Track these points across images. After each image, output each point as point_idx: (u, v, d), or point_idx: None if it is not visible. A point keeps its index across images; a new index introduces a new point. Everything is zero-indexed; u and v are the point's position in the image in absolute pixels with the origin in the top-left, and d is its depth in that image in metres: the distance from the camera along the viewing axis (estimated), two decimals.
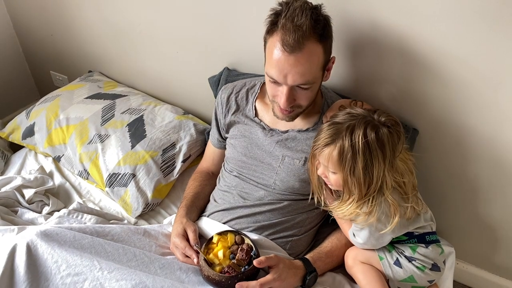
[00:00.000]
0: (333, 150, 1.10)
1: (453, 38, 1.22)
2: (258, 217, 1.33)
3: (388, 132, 1.09)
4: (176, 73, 1.91)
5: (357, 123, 1.09)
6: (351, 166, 1.09)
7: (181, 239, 1.29)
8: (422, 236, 1.21)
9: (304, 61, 1.14)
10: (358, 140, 1.07)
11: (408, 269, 1.21)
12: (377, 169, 1.09)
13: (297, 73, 1.15)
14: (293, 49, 1.12)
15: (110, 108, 1.84)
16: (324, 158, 1.13)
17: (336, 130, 1.11)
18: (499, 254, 1.61)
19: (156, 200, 1.62)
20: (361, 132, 1.08)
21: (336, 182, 1.15)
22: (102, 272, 1.12)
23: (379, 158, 1.08)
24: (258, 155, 1.38)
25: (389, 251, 1.23)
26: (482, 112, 1.31)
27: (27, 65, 2.51)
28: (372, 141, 1.07)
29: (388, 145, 1.09)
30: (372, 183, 1.10)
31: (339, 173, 1.12)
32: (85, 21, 2.05)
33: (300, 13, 1.13)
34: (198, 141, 1.77)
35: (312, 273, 1.22)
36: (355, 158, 1.08)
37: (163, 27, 1.80)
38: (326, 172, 1.17)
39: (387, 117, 1.11)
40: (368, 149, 1.07)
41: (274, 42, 1.16)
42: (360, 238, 1.21)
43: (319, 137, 1.15)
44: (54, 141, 1.78)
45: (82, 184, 1.73)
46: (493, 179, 1.43)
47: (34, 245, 1.13)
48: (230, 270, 1.15)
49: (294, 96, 1.21)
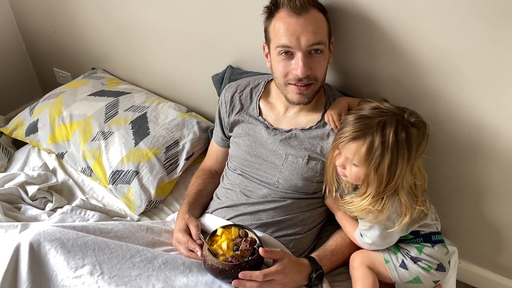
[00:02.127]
0: (362, 145, 1.09)
1: (455, 35, 1.22)
2: (261, 215, 1.33)
3: (417, 133, 1.09)
4: (179, 70, 1.91)
5: (388, 120, 1.09)
6: (378, 162, 1.08)
7: (184, 234, 1.29)
8: (428, 236, 1.21)
9: (313, 20, 1.21)
10: (389, 138, 1.06)
11: (414, 270, 1.21)
12: (400, 169, 1.08)
13: (309, 32, 1.20)
14: (301, 11, 1.19)
15: (113, 105, 1.84)
16: (350, 151, 1.12)
17: (365, 124, 1.10)
18: (502, 253, 1.60)
19: (159, 198, 1.62)
20: (393, 130, 1.07)
21: (355, 176, 1.14)
22: (103, 276, 1.13)
23: (405, 158, 1.08)
24: (262, 153, 1.38)
25: (394, 253, 1.23)
26: (485, 111, 1.31)
27: (30, 62, 2.51)
28: (402, 140, 1.07)
29: (414, 146, 1.09)
30: (392, 181, 1.10)
31: (362, 167, 1.11)
32: (88, 18, 2.05)
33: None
34: (201, 139, 1.77)
35: (318, 271, 1.22)
36: (383, 155, 1.07)
37: (167, 25, 1.80)
38: (347, 164, 1.15)
39: (416, 118, 1.11)
40: (397, 148, 1.07)
41: (279, 17, 1.23)
42: (368, 238, 1.21)
43: (345, 129, 1.13)
44: (57, 138, 1.79)
45: (85, 181, 1.73)
46: (499, 179, 1.43)
47: (37, 245, 1.14)
48: (233, 259, 1.15)
49: (310, 64, 1.23)
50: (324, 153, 1.31)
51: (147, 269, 1.18)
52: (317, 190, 1.35)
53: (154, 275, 1.17)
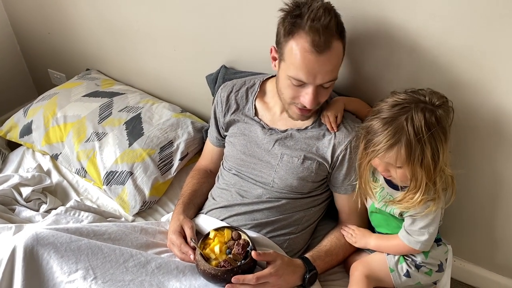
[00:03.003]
0: (401, 149, 1.06)
1: (461, 35, 1.22)
2: (256, 215, 1.33)
3: (444, 112, 1.08)
4: (173, 71, 1.91)
5: (414, 112, 1.06)
6: (421, 158, 1.07)
7: (178, 235, 1.29)
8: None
9: (332, 59, 1.16)
10: (423, 131, 1.05)
11: (417, 277, 1.22)
12: (442, 152, 1.08)
13: (327, 71, 1.16)
14: (323, 49, 1.13)
15: (107, 106, 1.84)
16: (391, 159, 1.09)
17: (395, 127, 1.07)
18: (497, 251, 1.61)
19: (154, 198, 1.62)
20: (423, 122, 1.05)
21: (402, 176, 1.12)
22: (96, 281, 1.13)
23: (443, 142, 1.07)
24: (257, 153, 1.38)
25: (400, 263, 1.23)
26: (486, 111, 1.31)
27: (24, 63, 2.51)
28: (434, 127, 1.05)
29: (447, 125, 1.08)
30: (437, 166, 1.09)
31: (406, 167, 1.09)
32: (82, 19, 2.05)
33: (324, 12, 1.14)
34: (196, 139, 1.77)
35: (312, 272, 1.22)
36: (423, 150, 1.06)
37: (161, 25, 1.80)
38: (391, 169, 1.13)
39: (438, 98, 1.10)
40: (433, 137, 1.06)
41: (298, 44, 1.15)
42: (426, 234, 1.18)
43: (377, 139, 1.09)
44: (51, 139, 1.78)
45: (80, 182, 1.73)
46: (496, 178, 1.43)
47: (30, 249, 1.14)
48: (226, 264, 1.14)
49: (318, 95, 1.22)
50: (319, 153, 1.31)
51: (140, 273, 1.18)
52: (311, 190, 1.35)
53: (147, 280, 1.17)
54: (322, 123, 1.33)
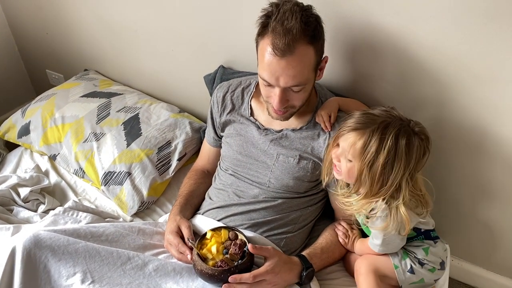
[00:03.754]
0: (360, 138, 1.09)
1: (447, 36, 1.23)
2: (253, 215, 1.33)
3: (419, 144, 1.09)
4: (171, 71, 1.91)
5: (392, 122, 1.09)
6: (371, 159, 1.07)
7: (175, 236, 1.29)
8: (427, 233, 1.23)
9: (295, 64, 1.14)
10: (388, 137, 1.06)
11: (420, 274, 1.23)
12: (395, 173, 1.08)
13: (289, 75, 1.15)
14: (284, 53, 1.12)
15: (105, 106, 1.84)
16: (347, 142, 1.11)
17: (370, 119, 1.10)
18: (495, 251, 1.61)
19: (152, 198, 1.62)
20: (394, 131, 1.07)
21: (348, 171, 1.13)
22: (94, 285, 1.14)
23: (401, 164, 1.07)
24: (253, 153, 1.38)
25: (403, 259, 1.23)
26: (478, 110, 1.32)
27: (22, 64, 2.51)
28: (401, 144, 1.06)
29: (414, 155, 1.08)
30: (385, 184, 1.09)
31: (356, 162, 1.10)
32: (80, 20, 2.05)
33: (290, 15, 1.12)
34: (194, 139, 1.77)
35: (309, 269, 1.23)
36: (378, 153, 1.07)
37: (159, 26, 1.80)
38: (342, 157, 1.15)
39: (421, 129, 1.11)
40: (394, 150, 1.06)
41: (265, 45, 1.16)
42: (377, 240, 1.20)
43: (349, 120, 1.13)
44: (49, 139, 1.78)
45: (78, 182, 1.73)
46: (494, 178, 1.44)
47: (28, 251, 1.14)
48: (223, 264, 1.15)
49: (287, 97, 1.22)
50: (314, 153, 1.32)
51: (137, 276, 1.18)
52: (308, 190, 1.35)
53: (144, 283, 1.17)
54: (317, 123, 1.34)
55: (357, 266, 1.27)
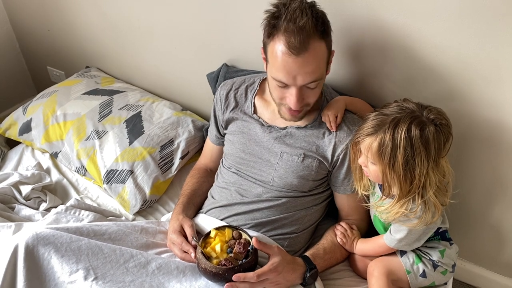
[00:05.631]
0: (374, 141, 1.09)
1: (455, 35, 1.22)
2: (256, 214, 1.33)
3: (435, 131, 1.07)
4: (174, 69, 1.90)
5: (403, 117, 1.07)
6: (390, 159, 1.07)
7: (178, 235, 1.29)
8: (443, 234, 1.23)
9: (311, 60, 1.15)
10: (400, 134, 1.05)
11: (433, 277, 1.23)
12: (420, 167, 1.06)
13: (306, 73, 1.15)
14: (299, 51, 1.12)
15: (107, 104, 1.83)
16: (364, 147, 1.12)
17: (380, 121, 1.10)
18: (498, 252, 1.61)
19: (154, 197, 1.62)
20: (405, 127, 1.05)
21: (375, 174, 1.14)
22: (97, 281, 1.13)
23: (422, 156, 1.06)
24: (257, 151, 1.37)
25: (416, 264, 1.23)
26: (482, 110, 1.31)
27: (24, 61, 2.50)
28: (416, 137, 1.05)
29: (433, 143, 1.06)
30: (414, 180, 1.08)
31: (378, 164, 1.11)
32: (82, 16, 2.04)
33: (301, 13, 1.13)
34: (197, 138, 1.76)
35: (312, 270, 1.22)
36: (395, 152, 1.06)
37: (162, 23, 1.79)
38: (366, 162, 1.15)
39: (436, 115, 1.09)
40: (410, 145, 1.05)
41: (277, 46, 1.15)
42: (400, 234, 1.19)
43: (364, 125, 1.13)
44: (51, 137, 1.77)
45: (80, 180, 1.72)
46: (498, 179, 1.43)
47: (31, 249, 1.13)
48: (227, 262, 1.14)
49: (303, 95, 1.21)
50: (319, 151, 1.31)
51: (140, 274, 1.18)
52: (312, 188, 1.35)
53: (147, 281, 1.17)
54: (322, 122, 1.33)
55: (371, 268, 1.27)
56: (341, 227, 1.35)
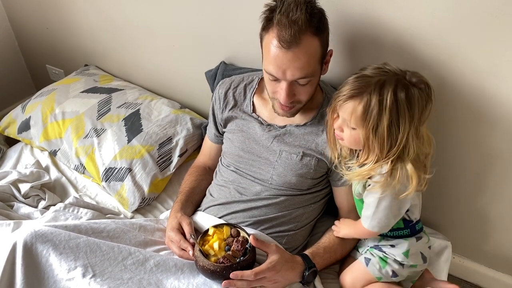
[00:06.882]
0: (359, 104, 1.04)
1: (451, 32, 1.22)
2: (255, 212, 1.33)
3: (419, 94, 1.04)
4: (172, 67, 1.90)
5: (387, 79, 1.04)
6: (375, 123, 1.03)
7: (176, 232, 1.29)
8: (413, 227, 1.21)
9: (302, 56, 1.14)
10: (387, 97, 1.02)
11: (404, 273, 1.23)
12: (403, 131, 1.04)
13: (296, 68, 1.15)
14: (290, 45, 1.12)
15: (106, 102, 1.83)
16: (346, 111, 1.08)
17: (364, 82, 1.05)
18: (495, 248, 1.61)
19: (153, 195, 1.62)
20: (391, 89, 1.02)
21: (354, 139, 1.10)
22: (95, 279, 1.13)
23: (406, 119, 1.03)
24: (256, 149, 1.37)
25: (383, 268, 1.22)
26: (480, 108, 1.31)
27: (23, 59, 2.50)
28: (401, 100, 1.02)
29: (417, 106, 1.04)
30: (395, 145, 1.05)
31: (360, 129, 1.07)
32: (81, 14, 2.04)
33: (295, 7, 1.12)
34: (195, 136, 1.76)
35: (311, 269, 1.22)
36: (381, 115, 1.03)
37: (160, 21, 1.79)
38: (344, 127, 1.12)
39: (418, 78, 1.05)
40: (396, 108, 1.02)
41: (270, 38, 1.16)
42: (375, 219, 1.15)
43: (344, 88, 1.09)
44: (50, 135, 1.78)
45: (78, 178, 1.72)
46: (491, 174, 1.43)
47: (29, 246, 1.14)
48: (225, 260, 1.14)
49: (294, 91, 1.21)
50: (318, 149, 1.31)
51: (138, 272, 1.18)
52: (310, 187, 1.35)
53: (145, 278, 1.17)
54: (321, 120, 1.33)
55: (342, 280, 1.28)
56: (337, 221, 1.35)
